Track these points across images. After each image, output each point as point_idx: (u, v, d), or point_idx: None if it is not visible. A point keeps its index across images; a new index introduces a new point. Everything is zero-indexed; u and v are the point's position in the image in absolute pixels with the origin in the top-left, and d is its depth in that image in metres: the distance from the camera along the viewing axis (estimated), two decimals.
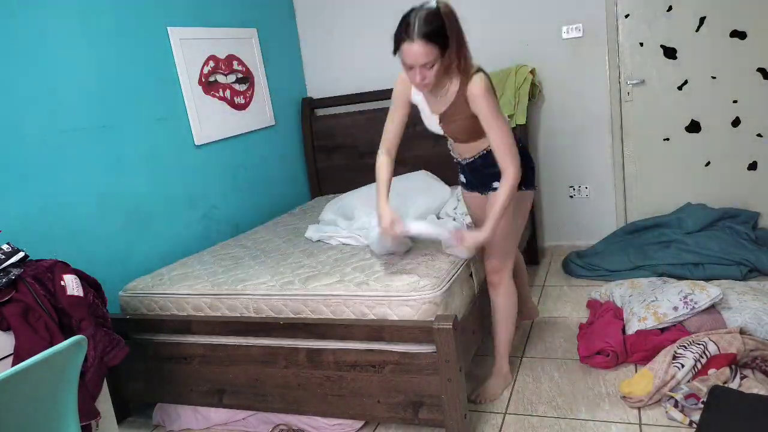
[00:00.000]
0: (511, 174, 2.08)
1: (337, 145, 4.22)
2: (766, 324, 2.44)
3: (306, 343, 2.22)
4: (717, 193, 3.64)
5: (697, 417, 2.04)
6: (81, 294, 1.90)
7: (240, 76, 3.68)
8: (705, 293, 2.54)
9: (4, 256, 1.84)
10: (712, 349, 2.28)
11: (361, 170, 4.18)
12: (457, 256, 2.34)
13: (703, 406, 2.02)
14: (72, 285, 1.89)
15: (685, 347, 2.32)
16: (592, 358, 2.55)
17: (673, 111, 3.64)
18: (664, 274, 3.27)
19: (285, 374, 2.25)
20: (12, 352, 1.76)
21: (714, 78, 3.51)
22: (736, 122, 3.53)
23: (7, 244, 1.90)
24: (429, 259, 2.34)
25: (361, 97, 4.08)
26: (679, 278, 3.11)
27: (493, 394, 2.41)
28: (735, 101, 3.50)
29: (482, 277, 2.52)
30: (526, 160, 2.30)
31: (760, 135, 3.51)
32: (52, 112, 2.49)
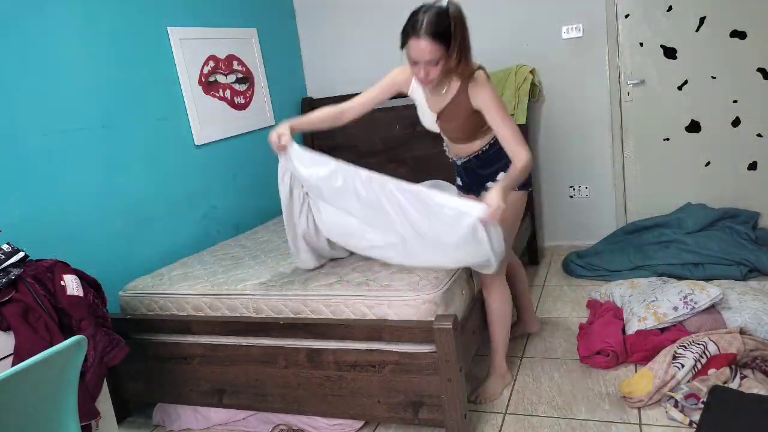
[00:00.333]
0: (523, 156, 2.04)
1: (337, 145, 4.22)
2: (766, 324, 2.44)
3: (306, 343, 2.22)
4: (717, 193, 3.64)
5: (697, 417, 2.04)
6: (81, 294, 1.90)
7: (240, 76, 3.68)
8: (705, 293, 2.54)
9: (4, 256, 1.84)
10: (712, 349, 2.28)
11: None
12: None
13: (703, 406, 2.02)
14: (72, 285, 1.89)
15: (685, 347, 2.31)
16: (592, 358, 2.55)
17: (673, 111, 3.63)
18: (664, 274, 3.27)
19: (285, 374, 2.25)
20: (12, 352, 1.76)
21: (714, 78, 3.51)
22: (736, 122, 3.53)
23: (7, 244, 1.90)
24: None
25: None
26: (679, 278, 3.11)
27: (492, 394, 2.41)
28: (735, 101, 3.50)
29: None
30: None
31: (760, 135, 3.51)
32: (52, 112, 2.49)
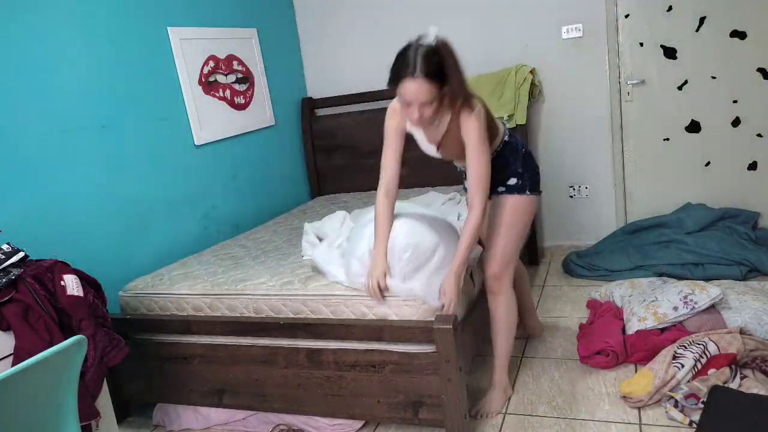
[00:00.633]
0: (476, 213, 2.08)
1: (337, 145, 4.22)
2: (766, 324, 2.44)
3: (306, 343, 2.22)
4: (717, 193, 3.63)
5: (697, 417, 2.04)
6: (81, 294, 1.90)
7: (240, 76, 3.68)
8: (705, 293, 2.54)
9: (4, 256, 1.84)
10: (712, 349, 2.28)
11: (361, 170, 4.17)
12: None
13: (703, 406, 2.02)
14: (72, 285, 1.89)
15: (685, 347, 2.31)
16: (592, 358, 2.55)
17: (673, 111, 3.63)
18: (664, 274, 3.27)
19: (285, 374, 2.25)
20: (12, 352, 1.76)
21: (714, 78, 3.51)
22: (736, 122, 3.53)
23: (7, 244, 1.90)
24: None
25: (361, 97, 4.08)
26: (679, 278, 3.11)
27: (494, 409, 2.33)
28: (735, 101, 3.50)
29: (483, 277, 2.52)
30: (532, 164, 2.30)
31: (760, 135, 3.51)
32: (52, 112, 2.49)
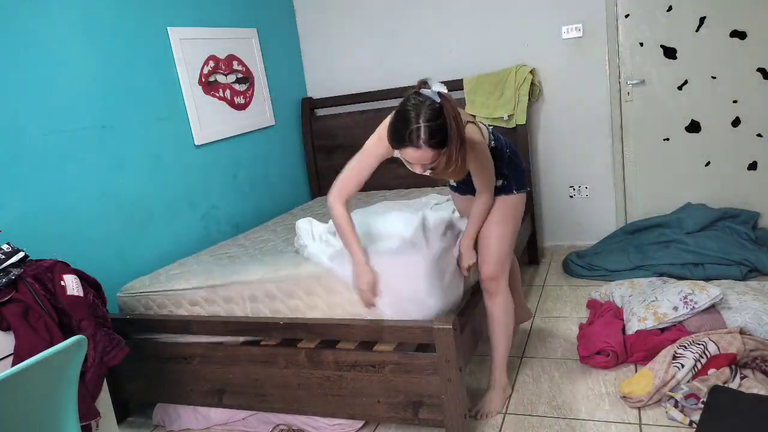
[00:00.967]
0: (488, 196, 2.21)
1: (337, 145, 4.22)
2: (766, 324, 2.44)
3: (306, 343, 2.22)
4: (717, 193, 3.64)
5: (697, 417, 2.04)
6: (81, 294, 1.90)
7: (240, 76, 3.68)
8: (705, 293, 2.54)
9: (4, 256, 1.84)
10: (712, 349, 2.28)
11: None
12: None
13: (703, 406, 2.02)
14: (72, 285, 1.89)
15: (685, 347, 2.31)
16: (592, 358, 2.55)
17: (673, 111, 3.63)
18: (665, 274, 3.27)
19: (285, 374, 2.25)
20: (12, 352, 1.76)
21: (714, 78, 3.51)
22: (736, 122, 3.53)
23: (7, 244, 1.90)
24: None
25: (361, 97, 4.08)
26: (679, 278, 3.11)
27: (494, 409, 2.32)
28: (735, 101, 3.50)
29: (479, 279, 2.51)
30: (516, 163, 2.27)
31: (760, 135, 3.51)
32: (52, 112, 2.49)
